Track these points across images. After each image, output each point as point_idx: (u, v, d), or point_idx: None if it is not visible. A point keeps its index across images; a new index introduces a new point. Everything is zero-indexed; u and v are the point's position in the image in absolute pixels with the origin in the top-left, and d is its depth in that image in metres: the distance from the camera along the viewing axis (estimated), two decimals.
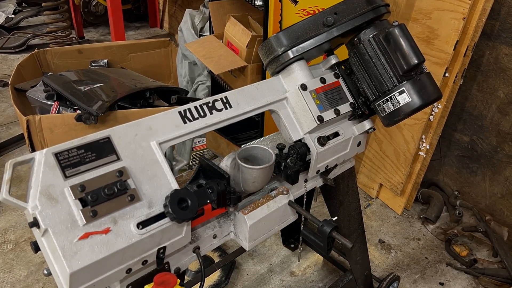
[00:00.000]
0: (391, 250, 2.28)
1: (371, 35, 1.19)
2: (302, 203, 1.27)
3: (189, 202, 0.87)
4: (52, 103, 2.24)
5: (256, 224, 1.08)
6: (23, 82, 2.62)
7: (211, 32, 2.65)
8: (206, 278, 1.95)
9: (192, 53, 2.41)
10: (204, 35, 3.04)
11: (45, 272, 0.85)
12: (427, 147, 2.29)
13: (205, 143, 2.70)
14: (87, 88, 2.21)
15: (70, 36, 4.53)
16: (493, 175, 2.34)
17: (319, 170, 1.23)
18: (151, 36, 5.21)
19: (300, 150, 1.16)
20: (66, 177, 0.80)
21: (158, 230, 0.85)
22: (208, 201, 0.95)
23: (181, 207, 0.86)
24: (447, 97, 2.18)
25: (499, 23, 2.09)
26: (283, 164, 1.16)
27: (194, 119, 1.00)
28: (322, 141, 1.19)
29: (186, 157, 2.70)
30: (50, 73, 2.73)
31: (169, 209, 0.85)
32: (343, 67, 1.28)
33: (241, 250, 1.96)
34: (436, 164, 2.61)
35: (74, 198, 0.79)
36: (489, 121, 2.27)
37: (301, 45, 1.17)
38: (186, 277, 1.95)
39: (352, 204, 1.61)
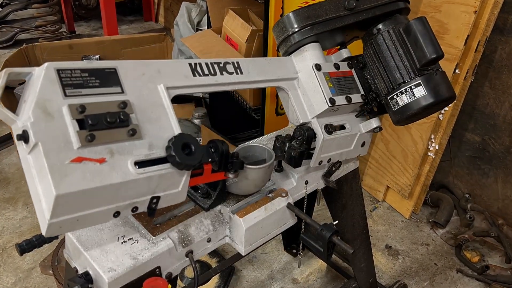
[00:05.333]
0: (398, 256, 2.29)
1: (390, 27, 1.24)
2: (302, 206, 1.29)
3: (193, 148, 0.86)
4: None
5: (252, 227, 1.09)
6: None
7: (209, 26, 2.67)
8: (203, 286, 1.96)
9: (189, 48, 2.42)
10: (201, 30, 3.06)
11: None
12: (437, 148, 2.30)
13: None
14: None
15: (60, 30, 4.56)
16: (506, 177, 2.35)
17: (321, 162, 1.25)
18: (145, 31, 5.23)
19: (307, 133, 1.18)
20: (65, 95, 0.77)
21: (156, 174, 0.84)
22: (210, 159, 0.93)
23: (184, 152, 0.85)
24: (458, 95, 2.19)
25: None
26: (287, 145, 1.18)
27: (204, 74, 1.00)
28: (330, 128, 1.21)
29: None
30: None
31: (172, 151, 0.83)
32: (355, 61, 1.32)
33: (239, 256, 1.97)
34: (445, 165, 2.62)
35: (72, 117, 0.76)
36: (502, 120, 2.28)
37: (319, 25, 1.20)
38: (182, 283, 1.97)
39: (356, 207, 1.62)
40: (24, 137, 0.73)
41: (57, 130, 0.74)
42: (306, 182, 1.32)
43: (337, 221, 1.14)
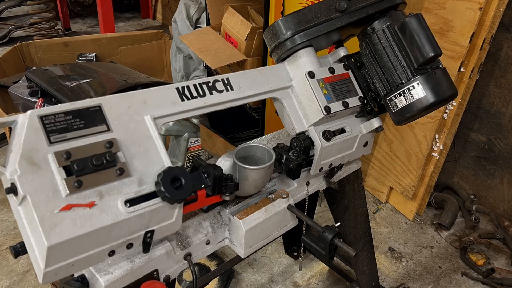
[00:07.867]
0: (401, 259, 2.29)
1: (385, 25, 1.21)
2: (303, 207, 1.29)
3: (183, 181, 0.87)
4: (36, 100, 2.25)
5: (252, 229, 1.09)
6: (5, 77, 2.65)
7: (208, 23, 2.67)
8: None
9: (187, 46, 2.43)
10: (200, 27, 3.06)
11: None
12: (441, 148, 2.30)
13: (200, 143, 2.72)
14: (74, 84, 2.23)
15: (56, 27, 4.56)
16: None
17: (322, 168, 1.25)
18: (143, 28, 5.23)
19: (303, 143, 1.17)
20: (50, 142, 0.79)
21: (147, 210, 0.85)
22: (203, 186, 0.95)
23: (174, 186, 0.86)
24: (463, 94, 2.19)
25: None
26: (284, 157, 1.17)
27: (193, 97, 1.00)
28: (328, 135, 1.20)
29: (180, 158, 2.72)
30: (34, 68, 2.75)
31: (161, 187, 0.84)
32: (352, 60, 1.30)
33: (239, 258, 1.97)
34: (450, 166, 2.62)
35: (58, 165, 0.77)
36: (508, 120, 2.28)
37: (310, 30, 1.18)
38: (180, 287, 1.97)
39: (358, 209, 1.62)
40: (13, 190, 0.75)
41: (44, 180, 0.76)
42: (307, 183, 1.32)
43: (339, 223, 1.14)
